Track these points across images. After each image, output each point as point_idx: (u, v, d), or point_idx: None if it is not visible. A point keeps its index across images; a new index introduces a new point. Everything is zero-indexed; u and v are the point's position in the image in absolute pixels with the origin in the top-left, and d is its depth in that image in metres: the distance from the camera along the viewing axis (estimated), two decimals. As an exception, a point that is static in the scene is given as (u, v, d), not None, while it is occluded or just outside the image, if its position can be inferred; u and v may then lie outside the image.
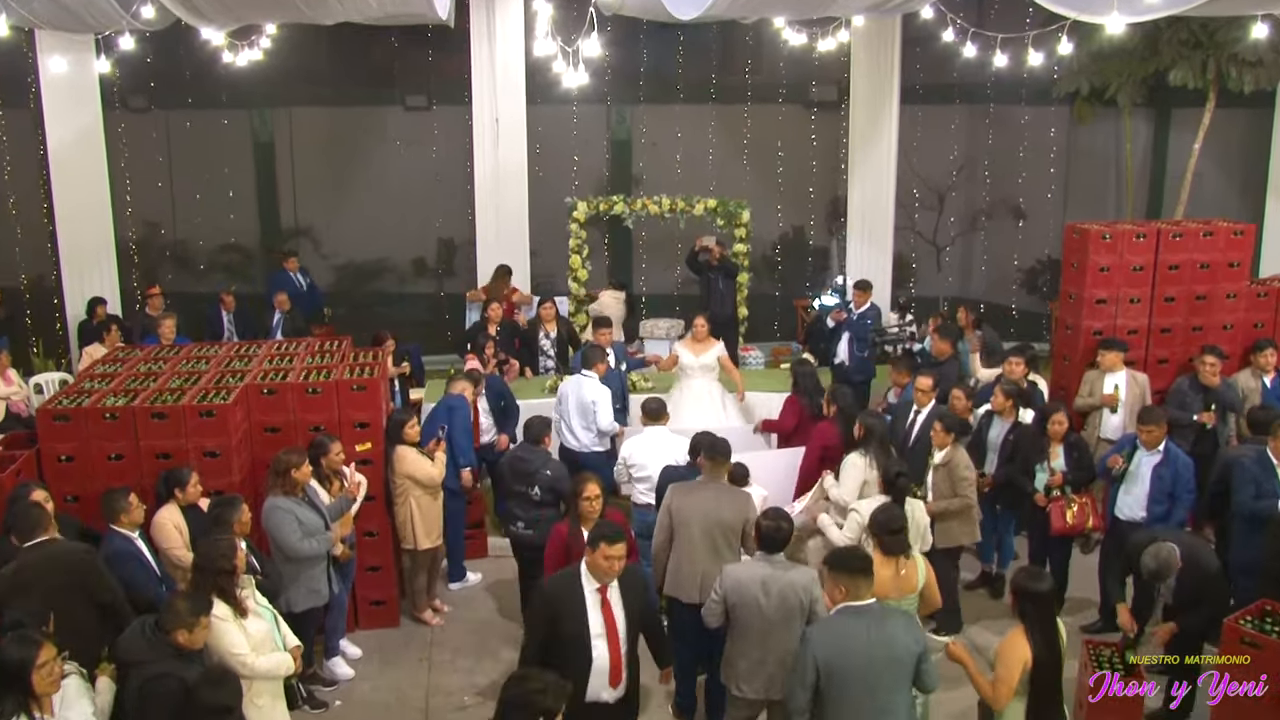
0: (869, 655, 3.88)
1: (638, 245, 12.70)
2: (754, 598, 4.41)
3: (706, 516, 5.05)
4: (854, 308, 9.20)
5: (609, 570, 4.17)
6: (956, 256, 13.30)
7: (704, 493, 5.22)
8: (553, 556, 5.00)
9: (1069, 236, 8.21)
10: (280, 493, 5.38)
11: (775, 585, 4.41)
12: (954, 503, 6.08)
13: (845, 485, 5.91)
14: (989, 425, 6.85)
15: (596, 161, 12.64)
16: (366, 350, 7.11)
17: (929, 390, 6.80)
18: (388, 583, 6.46)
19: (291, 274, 10.71)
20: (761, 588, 4.42)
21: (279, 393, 6.01)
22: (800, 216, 13.05)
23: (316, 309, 10.87)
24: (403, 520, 6.31)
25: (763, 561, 4.54)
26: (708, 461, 5.37)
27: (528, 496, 6.00)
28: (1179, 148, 11.64)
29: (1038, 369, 7.79)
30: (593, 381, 7.37)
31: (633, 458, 6.44)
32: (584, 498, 4.98)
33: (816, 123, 12.76)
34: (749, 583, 4.44)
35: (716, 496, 5.14)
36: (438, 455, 6.37)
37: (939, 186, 12.95)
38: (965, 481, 6.08)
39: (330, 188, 12.32)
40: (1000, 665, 4.14)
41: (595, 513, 4.96)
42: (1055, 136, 12.46)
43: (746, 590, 4.43)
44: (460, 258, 12.52)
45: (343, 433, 6.03)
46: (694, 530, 5.11)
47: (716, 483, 5.34)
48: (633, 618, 4.25)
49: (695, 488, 5.33)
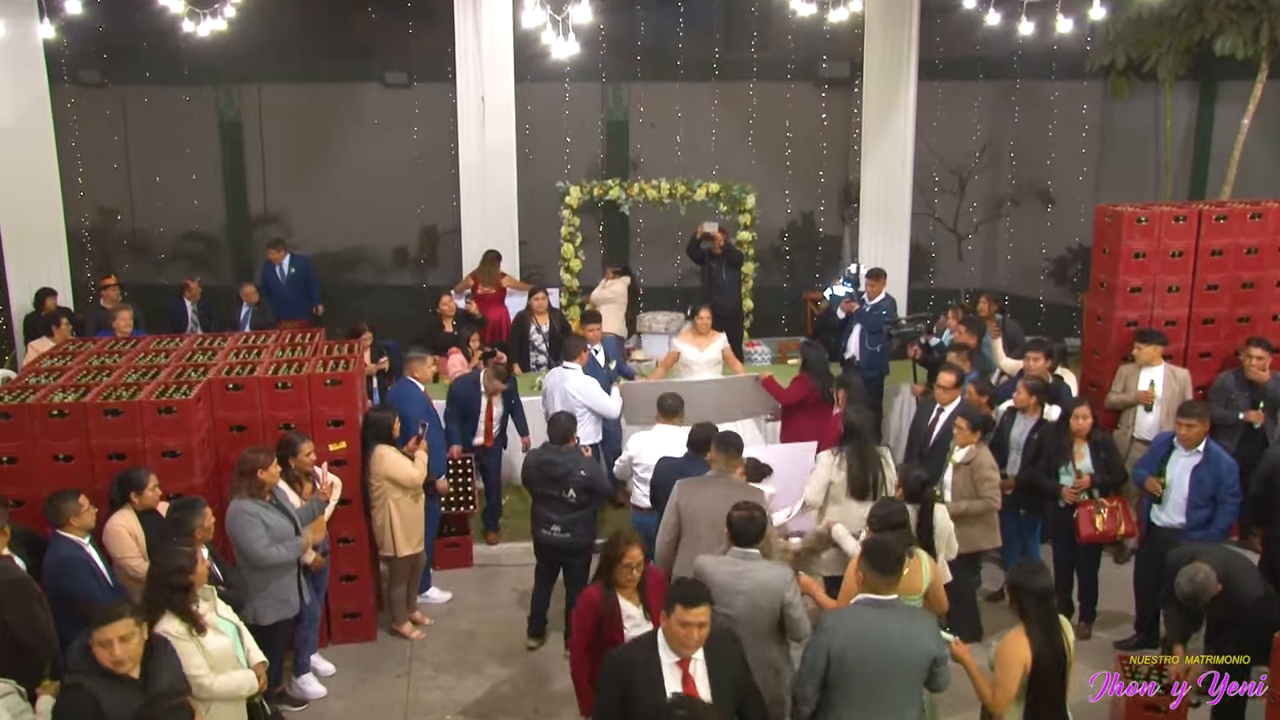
0: (884, 649, 3.90)
1: (635, 234, 12.72)
2: (721, 590, 4.37)
3: (718, 515, 4.91)
4: (867, 298, 9.15)
5: (689, 639, 3.71)
6: (979, 245, 13.32)
7: (715, 488, 5.15)
8: (580, 628, 4.52)
9: (1100, 219, 8.15)
10: (246, 495, 5.30)
11: (745, 581, 4.39)
12: (975, 505, 6.04)
13: (811, 484, 5.89)
14: (1011, 423, 6.81)
15: (591, 143, 12.67)
16: (342, 343, 7.08)
17: (951, 387, 6.76)
18: (364, 593, 6.40)
19: (275, 265, 10.62)
20: (731, 580, 4.40)
21: (245, 388, 5.94)
22: (810, 202, 13.09)
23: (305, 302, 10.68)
24: (381, 525, 6.26)
25: (735, 557, 4.50)
26: (719, 454, 5.33)
27: (561, 500, 6.01)
28: (1225, 124, 11.55)
29: (1066, 364, 7.73)
30: (575, 373, 7.45)
31: (640, 456, 6.41)
32: (623, 564, 4.42)
33: (827, 101, 12.81)
34: (714, 573, 4.42)
35: (729, 493, 5.02)
36: (418, 455, 6.32)
37: (960, 170, 12.95)
38: (989, 483, 6.05)
39: (303, 171, 12.33)
40: (999, 667, 4.16)
41: (634, 581, 4.47)
42: (1088, 114, 12.42)
43: (714, 579, 4.39)
44: (444, 247, 12.54)
45: (315, 431, 5.97)
46: (704, 530, 5.05)
47: (728, 478, 5.28)
48: (723, 694, 3.76)
49: (705, 483, 5.27)
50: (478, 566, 7.42)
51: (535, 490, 6.20)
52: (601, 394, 7.45)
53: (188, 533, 4.74)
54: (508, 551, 7.51)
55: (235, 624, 4.56)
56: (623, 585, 4.47)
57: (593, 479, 6.05)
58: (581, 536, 6.11)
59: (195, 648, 4.24)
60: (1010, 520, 6.60)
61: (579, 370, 7.50)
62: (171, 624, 4.22)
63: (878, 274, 9.21)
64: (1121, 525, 6.27)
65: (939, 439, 6.63)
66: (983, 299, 8.86)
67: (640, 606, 4.47)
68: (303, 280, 10.74)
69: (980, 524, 6.08)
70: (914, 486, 5.40)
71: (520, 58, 10.47)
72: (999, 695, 4.12)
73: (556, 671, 6.09)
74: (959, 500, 6.06)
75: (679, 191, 9.88)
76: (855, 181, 11.91)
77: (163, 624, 4.22)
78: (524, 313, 9.38)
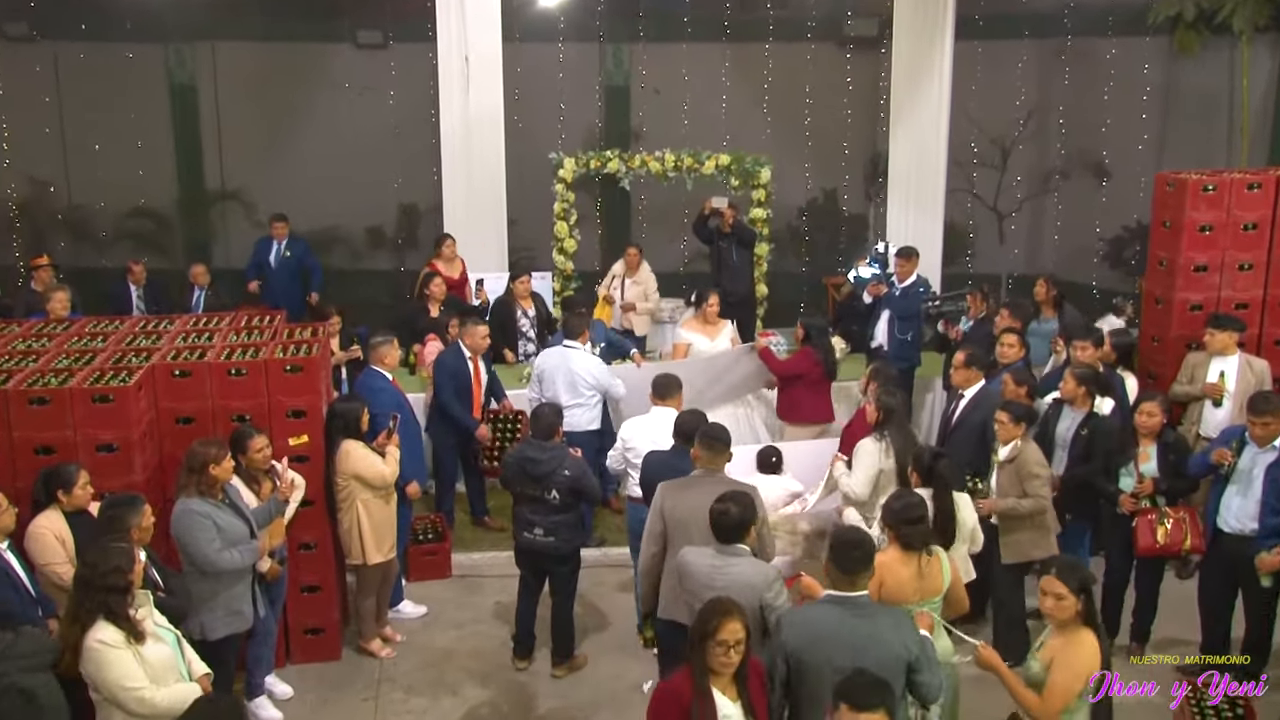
0: (845, 652, 3.92)
1: (636, 211, 12.66)
2: (698, 582, 4.43)
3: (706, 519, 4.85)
4: (896, 280, 9.09)
5: None
6: (1023, 225, 13.22)
7: (702, 489, 5.11)
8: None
9: (1160, 189, 8.10)
10: (195, 493, 5.26)
11: (725, 575, 4.43)
12: (1024, 504, 5.99)
13: (856, 476, 5.97)
14: (1057, 417, 6.78)
15: (587, 110, 12.60)
16: (305, 326, 7.06)
17: (961, 366, 6.82)
18: (328, 606, 6.37)
19: (277, 241, 10.54)
20: (709, 573, 4.46)
21: (194, 375, 5.89)
22: (832, 177, 13.01)
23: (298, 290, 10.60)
24: (347, 529, 6.25)
25: (714, 550, 4.57)
26: (703, 451, 5.30)
27: (544, 501, 6.03)
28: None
29: (1130, 363, 7.69)
30: (580, 353, 7.53)
31: (633, 440, 6.46)
32: (717, 641, 3.79)
33: (852, 64, 12.71)
34: (696, 568, 4.48)
35: (715, 493, 4.92)
36: (390, 450, 6.31)
37: (1002, 140, 12.87)
38: (1038, 480, 6.00)
39: (265, 141, 12.27)
40: (1064, 670, 4.10)
41: (732, 667, 3.85)
42: (1150, 74, 12.27)
43: (694, 570, 4.46)
44: (425, 226, 12.49)
45: (274, 423, 5.97)
46: (692, 537, 5.01)
47: (714, 476, 5.27)
48: None
49: (690, 484, 5.26)
50: (457, 577, 7.40)
51: (516, 490, 6.20)
52: (608, 374, 7.56)
53: (123, 532, 4.70)
54: (490, 561, 7.50)
55: (174, 632, 4.52)
56: (717, 672, 3.83)
57: (578, 480, 6.04)
58: (567, 540, 6.11)
59: (133, 658, 4.20)
60: None
61: (584, 350, 7.56)
62: (106, 632, 4.19)
63: (909, 253, 9.16)
64: (1188, 539, 6.18)
65: (960, 424, 6.69)
66: (1041, 282, 8.81)
67: (739, 702, 3.86)
68: (297, 265, 10.71)
69: (1030, 528, 6.04)
70: (926, 463, 5.42)
71: (508, 13, 10.51)
72: (1054, 704, 4.07)
73: (543, 693, 6.10)
74: (1006, 498, 6.05)
75: (685, 164, 9.88)
76: (883, 154, 11.86)
77: (96, 632, 4.18)
78: (504, 298, 9.40)
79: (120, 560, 4.26)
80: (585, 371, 7.49)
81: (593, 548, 7.33)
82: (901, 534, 4.71)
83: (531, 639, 6.37)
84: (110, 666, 4.16)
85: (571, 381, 7.47)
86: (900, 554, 4.69)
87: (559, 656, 6.29)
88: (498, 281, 9.88)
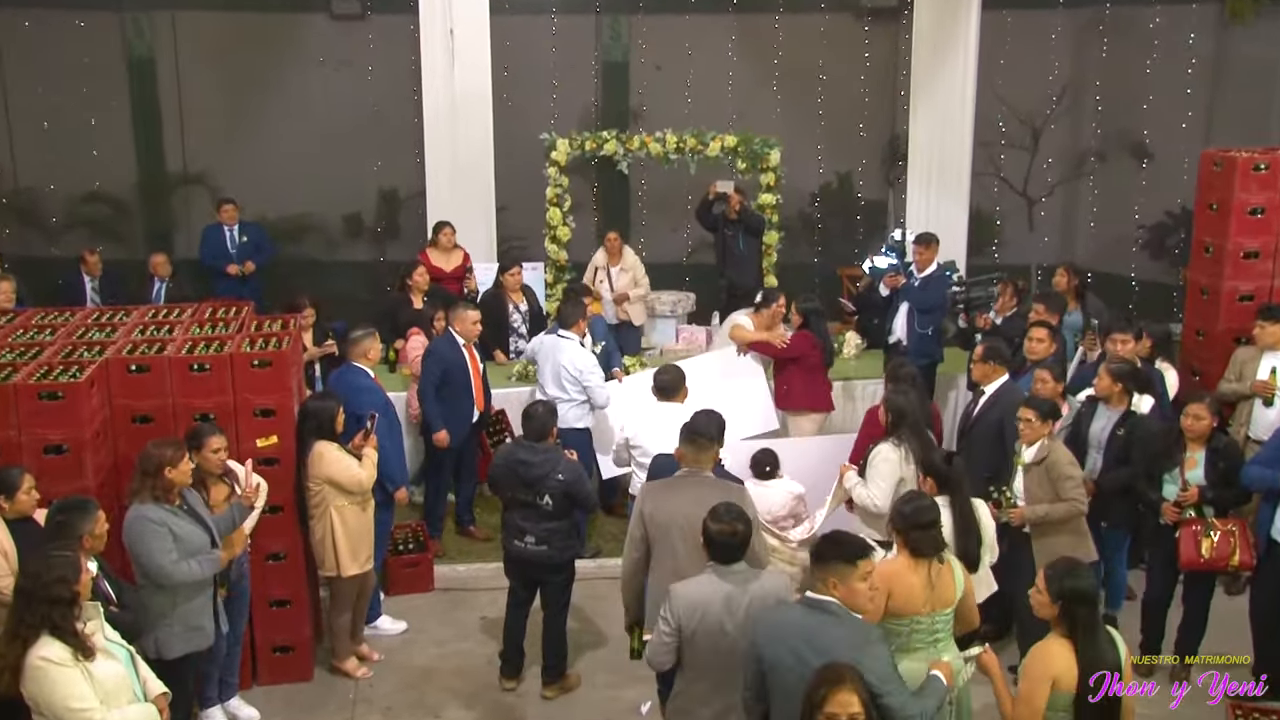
0: (798, 658, 3.95)
1: (635, 197, 12.64)
2: (716, 623, 4.34)
3: (690, 523, 4.85)
4: (915, 270, 9.07)
5: None
6: (1055, 211, 13.18)
7: (686, 491, 5.11)
8: None
9: (1206, 169, 8.11)
10: (149, 498, 5.22)
11: (744, 600, 4.35)
12: (1057, 508, 5.96)
13: (875, 485, 5.96)
14: (1092, 415, 6.76)
15: (583, 88, 12.59)
16: (275, 318, 7.08)
17: (979, 361, 6.84)
18: (298, 622, 6.37)
19: (226, 227, 10.49)
20: (725, 608, 4.35)
21: (152, 370, 5.88)
22: (847, 160, 12.98)
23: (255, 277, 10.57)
24: (321, 538, 6.24)
25: (718, 575, 4.44)
26: (687, 448, 5.26)
27: (536, 507, 6.04)
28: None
29: (1169, 355, 7.65)
30: (572, 344, 7.62)
31: (638, 438, 6.50)
32: (825, 714, 3.62)
33: (870, 36, 12.68)
34: (708, 603, 4.36)
35: (703, 495, 4.95)
36: (366, 453, 6.30)
37: (1033, 119, 12.83)
38: (1071, 481, 5.98)
39: (232, 120, 12.21)
40: (1023, 679, 4.25)
41: None
42: (1196, 45, 12.15)
43: (706, 613, 4.34)
44: (406, 213, 12.47)
45: (241, 422, 5.96)
46: (675, 543, 5.01)
47: (700, 476, 5.24)
48: None
49: (674, 486, 5.24)
50: (440, 590, 7.39)
51: (505, 495, 6.20)
52: (598, 374, 7.61)
53: (72, 539, 4.66)
54: (476, 573, 7.51)
55: (127, 649, 4.48)
56: None
57: (572, 485, 6.04)
58: (561, 549, 6.11)
59: (81, 676, 4.16)
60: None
61: (576, 342, 7.68)
62: (51, 648, 4.15)
63: (927, 239, 9.13)
64: (1236, 553, 6.13)
65: (978, 421, 6.70)
66: (1061, 270, 8.82)
67: None
68: (252, 250, 10.67)
69: (1066, 533, 6.01)
70: (938, 467, 5.42)
71: (497, -19, 10.45)
72: (1020, 713, 4.18)
73: (532, 715, 6.11)
74: (1038, 505, 6.02)
75: (688, 145, 9.79)
76: (903, 134, 11.83)
77: (40, 649, 4.14)
78: (495, 290, 9.39)
79: (65, 570, 4.22)
80: (570, 364, 7.54)
81: (587, 559, 7.33)
82: (911, 540, 4.69)
83: (521, 657, 6.35)
84: (56, 686, 4.11)
85: (556, 374, 7.57)
86: (909, 561, 4.68)
87: (550, 676, 6.27)
88: (486, 273, 9.86)
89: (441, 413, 7.59)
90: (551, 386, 7.61)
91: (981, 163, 11.87)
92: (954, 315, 9.29)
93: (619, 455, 6.69)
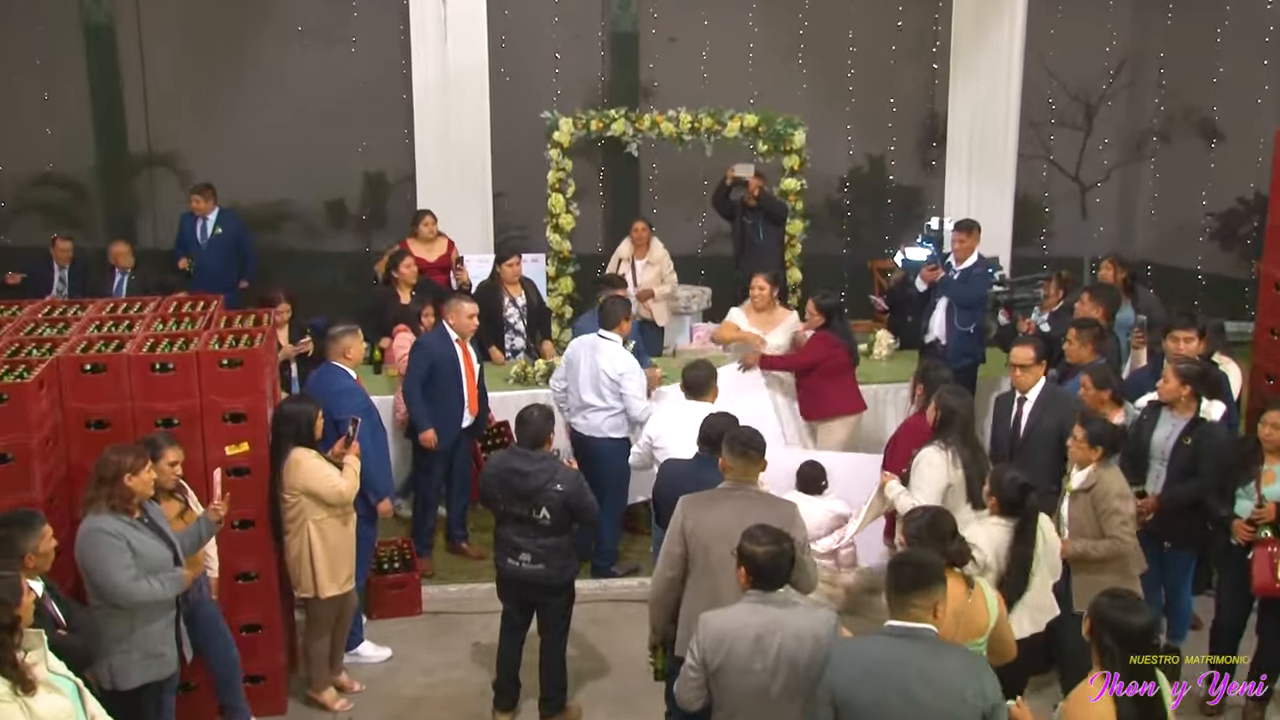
0: (904, 693, 3.93)
1: (646, 182, 12.68)
2: (744, 660, 4.33)
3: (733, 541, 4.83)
4: (954, 261, 8.99)
5: None
6: (1110, 198, 13.21)
7: (731, 506, 5.14)
8: None
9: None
10: (105, 508, 5.19)
11: (776, 637, 4.32)
12: (1099, 547, 5.89)
13: (920, 492, 5.94)
14: (1154, 423, 6.67)
15: (589, 62, 12.64)
16: (248, 313, 7.06)
17: (1030, 364, 6.73)
18: (271, 648, 6.34)
19: (200, 218, 10.48)
20: (755, 643, 4.33)
21: (109, 369, 5.84)
22: (879, 141, 13.04)
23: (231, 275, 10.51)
24: (297, 556, 6.22)
25: (756, 603, 4.43)
26: (734, 459, 5.28)
27: (532, 521, 6.04)
28: None
29: (1227, 350, 7.60)
30: (614, 346, 7.57)
31: (664, 439, 6.55)
32: None
33: (905, 4, 12.69)
34: (736, 638, 4.35)
35: (749, 511, 5.00)
36: (348, 460, 6.28)
37: (1087, 95, 12.84)
38: (1117, 516, 5.89)
39: (202, 96, 12.27)
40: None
41: None
42: (1275, 11, 12.18)
43: (733, 649, 4.34)
44: (395, 200, 12.55)
45: (208, 428, 5.94)
46: (715, 563, 5.03)
47: (746, 490, 5.26)
48: None
49: (718, 500, 5.26)
50: (428, 614, 7.40)
51: (498, 508, 6.19)
52: (637, 381, 7.55)
53: (13, 557, 4.61)
54: (468, 595, 7.51)
55: (74, 681, 4.43)
56: None
57: (572, 497, 6.02)
58: (561, 569, 6.10)
59: (20, 712, 4.10)
60: (1151, 557, 6.41)
61: (618, 344, 7.61)
62: (-18, 681, 4.10)
63: (969, 226, 9.06)
64: None
65: (1028, 434, 6.66)
66: (1106, 262, 8.77)
67: None
68: (231, 245, 10.64)
69: (1108, 572, 5.91)
70: (1011, 494, 5.38)
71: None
72: None
73: None
74: (1078, 539, 5.97)
75: (704, 125, 9.86)
76: (941, 113, 11.92)
77: (-29, 682, 4.10)
78: (489, 283, 9.41)
79: (3, 592, 4.15)
80: (610, 368, 7.48)
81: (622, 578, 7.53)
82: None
83: (516, 687, 6.33)
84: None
85: (595, 378, 7.52)
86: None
87: (548, 708, 6.26)
88: (482, 266, 9.85)
89: (429, 412, 7.57)
90: (588, 392, 7.56)
91: (1029, 144, 11.94)
92: (994, 312, 9.23)
93: (642, 457, 6.70)
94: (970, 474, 5.90)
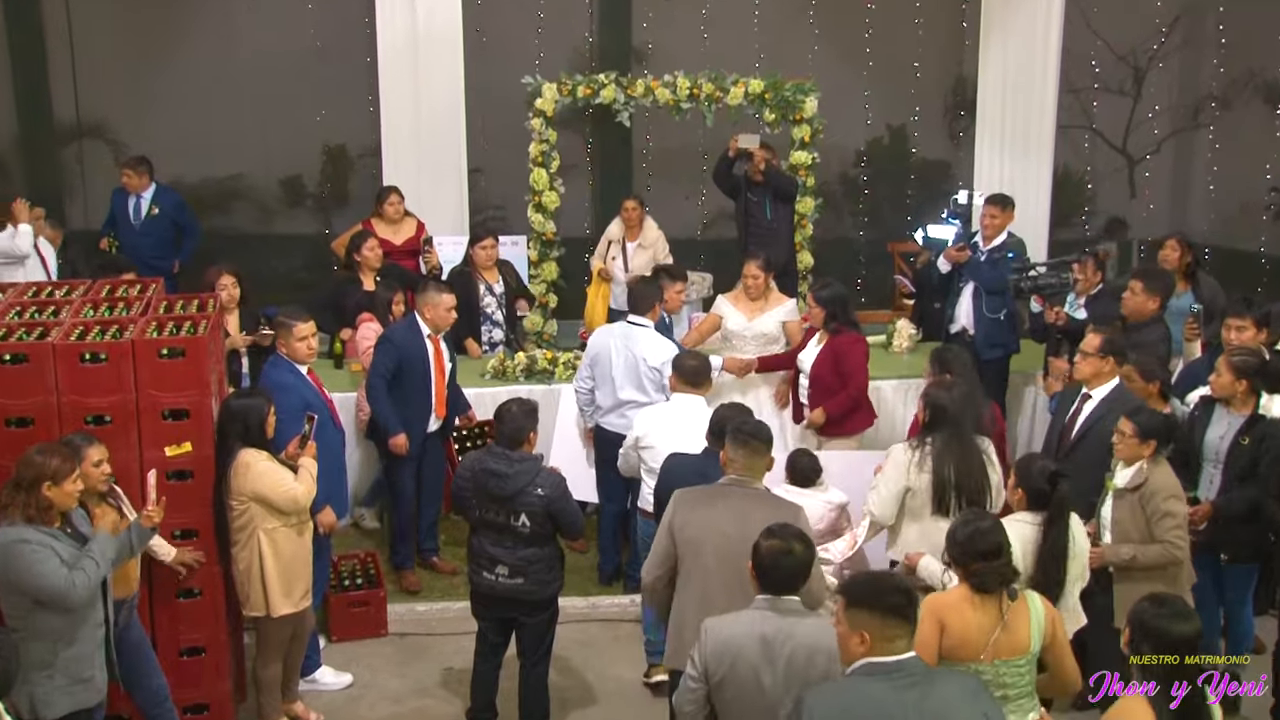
0: None
1: (640, 156, 12.71)
2: (749, 673, 4.36)
3: (728, 543, 4.97)
4: (982, 241, 9.01)
5: None
6: (1163, 172, 13.26)
7: (728, 505, 5.21)
8: None
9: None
10: (20, 518, 5.18)
11: (785, 648, 4.36)
12: (1148, 552, 5.91)
13: (877, 492, 6.12)
14: (1207, 420, 6.71)
15: (575, 22, 12.64)
16: (190, 297, 7.04)
17: (1096, 353, 6.68)
18: (215, 675, 6.34)
19: (133, 195, 10.42)
20: (762, 652, 4.37)
21: (32, 360, 5.82)
22: (900, 110, 13.07)
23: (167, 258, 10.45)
24: (245, 569, 6.22)
25: (765, 609, 4.47)
26: (738, 451, 5.33)
27: (510, 529, 6.06)
28: None
29: None
30: (648, 333, 7.60)
31: (650, 438, 6.65)
32: None
33: (929, -42, 12.72)
34: (741, 647, 4.39)
35: (744, 511, 5.08)
36: (304, 463, 6.30)
37: (1136, 57, 12.89)
38: (1169, 519, 5.92)
39: (137, 60, 12.26)
40: None
41: None
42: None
43: (738, 660, 4.37)
44: (358, 176, 12.59)
45: (145, 426, 5.94)
46: (707, 564, 5.10)
47: (749, 488, 5.30)
48: None
49: (715, 496, 5.32)
50: (394, 635, 7.41)
51: (472, 515, 6.20)
52: None
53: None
54: (439, 614, 7.54)
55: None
56: None
57: (555, 502, 6.05)
58: (542, 584, 6.09)
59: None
60: (1205, 568, 6.47)
61: (652, 329, 7.66)
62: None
63: (1002, 201, 9.09)
64: None
65: (1083, 435, 6.64)
66: (1171, 241, 8.79)
67: None
68: (167, 226, 10.56)
69: (1154, 581, 5.88)
70: (1038, 483, 5.38)
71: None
72: None
73: None
74: (1122, 544, 5.99)
75: (705, 92, 9.83)
76: (970, 78, 11.92)
77: None
78: (462, 268, 9.45)
79: None
80: (653, 357, 7.47)
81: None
82: (972, 573, 4.70)
83: (493, 716, 6.34)
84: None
85: (633, 369, 7.50)
86: (969, 594, 4.70)
87: (529, 738, 6.30)
88: (455, 249, 9.86)
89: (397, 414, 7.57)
90: (628, 387, 7.53)
91: (1070, 112, 11.96)
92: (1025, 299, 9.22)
93: (627, 459, 6.73)
94: (945, 478, 5.91)
